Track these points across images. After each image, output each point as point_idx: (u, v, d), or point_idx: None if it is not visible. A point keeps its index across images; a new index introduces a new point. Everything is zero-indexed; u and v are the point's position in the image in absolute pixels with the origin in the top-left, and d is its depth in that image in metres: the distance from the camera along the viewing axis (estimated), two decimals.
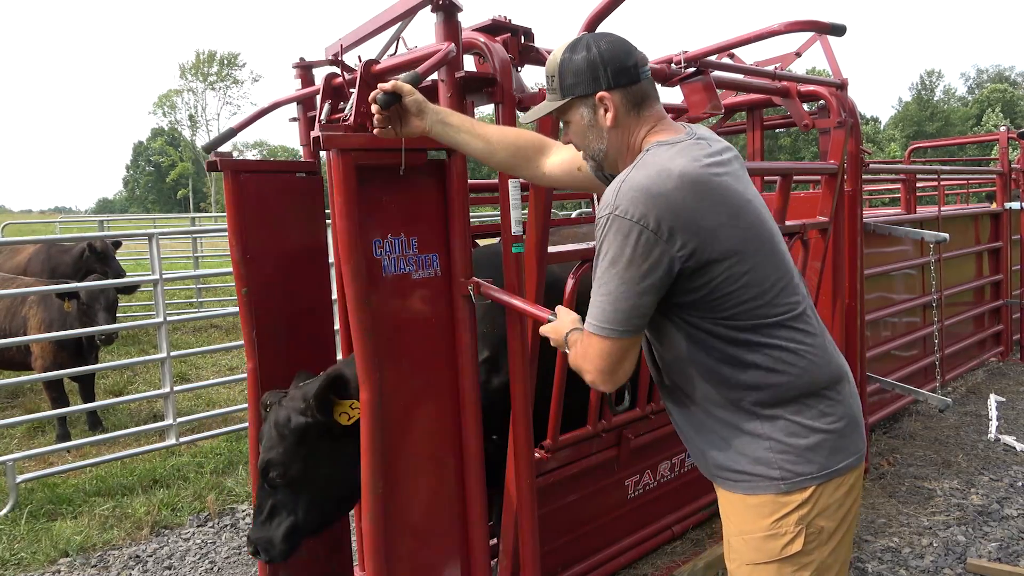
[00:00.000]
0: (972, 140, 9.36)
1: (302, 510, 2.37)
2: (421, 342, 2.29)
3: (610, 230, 1.45)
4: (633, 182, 1.46)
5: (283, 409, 2.37)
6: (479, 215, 10.77)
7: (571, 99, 1.61)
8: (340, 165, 2.00)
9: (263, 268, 2.65)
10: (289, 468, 2.34)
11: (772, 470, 1.53)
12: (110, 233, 10.35)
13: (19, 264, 7.78)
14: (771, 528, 1.54)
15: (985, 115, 55.39)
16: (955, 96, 69.00)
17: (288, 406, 2.37)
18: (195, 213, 43.99)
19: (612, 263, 1.46)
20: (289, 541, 2.37)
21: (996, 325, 6.96)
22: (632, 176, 1.47)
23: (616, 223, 1.44)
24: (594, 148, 1.65)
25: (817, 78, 3.92)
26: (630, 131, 1.61)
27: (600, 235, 1.48)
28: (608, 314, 1.48)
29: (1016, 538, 3.57)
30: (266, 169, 2.72)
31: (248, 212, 2.59)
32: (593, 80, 1.58)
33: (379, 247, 2.17)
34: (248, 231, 2.59)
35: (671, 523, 3.52)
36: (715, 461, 1.61)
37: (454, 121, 1.93)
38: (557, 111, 1.65)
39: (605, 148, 1.64)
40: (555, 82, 1.63)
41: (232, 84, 65.89)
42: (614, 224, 1.45)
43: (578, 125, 1.64)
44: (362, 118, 2.04)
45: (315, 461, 2.36)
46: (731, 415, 1.56)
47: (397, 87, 1.85)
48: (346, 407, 2.31)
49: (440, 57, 2.04)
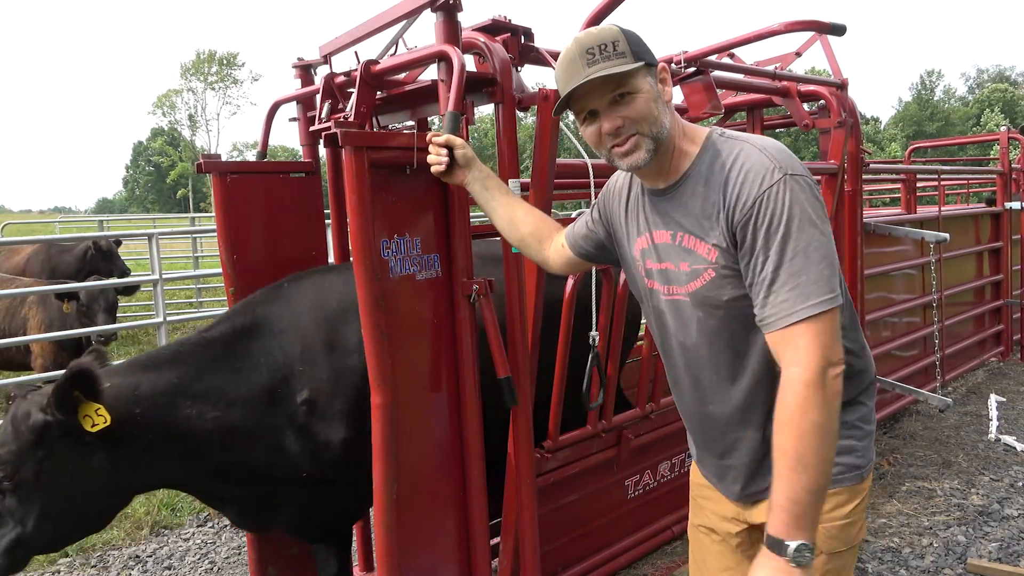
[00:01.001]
0: (972, 140, 9.36)
1: (31, 522, 2.04)
2: (425, 344, 2.28)
3: (787, 191, 1.34)
4: (774, 147, 1.41)
5: (25, 403, 2.09)
6: (479, 215, 10.75)
7: (643, 64, 1.46)
8: (354, 162, 1.99)
9: (253, 269, 2.65)
10: (20, 470, 2.02)
11: (858, 459, 1.53)
12: (110, 233, 10.34)
13: (17, 264, 7.78)
14: (850, 516, 1.53)
15: (984, 115, 55.36)
16: (955, 96, 69.01)
17: (32, 400, 2.08)
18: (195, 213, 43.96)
19: (811, 222, 1.34)
20: (9, 556, 2.05)
21: (996, 325, 6.96)
22: (761, 145, 1.42)
23: (793, 182, 1.35)
24: (662, 122, 1.50)
25: (817, 78, 3.92)
26: (673, 115, 1.54)
27: (773, 204, 1.34)
28: (828, 279, 1.32)
29: (1016, 538, 3.57)
30: (256, 170, 2.71)
31: (237, 213, 2.60)
32: (650, 52, 1.50)
33: (386, 247, 2.17)
34: (237, 232, 2.60)
35: (671, 523, 3.51)
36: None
37: (491, 185, 2.02)
38: (628, 75, 1.47)
39: (670, 123, 1.51)
40: (619, 46, 1.46)
41: (232, 84, 65.91)
42: (791, 184, 1.35)
43: (647, 95, 1.48)
44: (362, 118, 2.04)
45: (53, 467, 2.04)
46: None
47: (450, 141, 1.99)
48: (91, 411, 2.01)
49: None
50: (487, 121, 30.30)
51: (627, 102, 1.48)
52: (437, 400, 2.33)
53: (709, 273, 1.47)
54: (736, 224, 1.40)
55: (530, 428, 2.45)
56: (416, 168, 2.10)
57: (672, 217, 1.55)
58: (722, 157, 1.46)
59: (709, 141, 1.50)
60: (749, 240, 1.38)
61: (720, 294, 1.47)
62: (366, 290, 2.03)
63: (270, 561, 2.74)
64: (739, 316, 1.47)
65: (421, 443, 2.30)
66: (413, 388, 2.25)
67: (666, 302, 1.61)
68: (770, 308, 1.35)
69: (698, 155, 1.51)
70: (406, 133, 2.09)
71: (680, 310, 1.57)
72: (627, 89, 1.47)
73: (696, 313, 1.53)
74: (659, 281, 1.61)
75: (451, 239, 2.31)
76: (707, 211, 1.46)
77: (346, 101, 2.49)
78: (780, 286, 1.33)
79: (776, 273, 1.34)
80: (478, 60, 2.36)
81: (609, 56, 1.45)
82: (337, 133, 1.95)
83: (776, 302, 1.34)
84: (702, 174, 1.49)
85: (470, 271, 2.32)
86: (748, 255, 1.38)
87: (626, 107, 1.48)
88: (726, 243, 1.43)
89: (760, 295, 1.37)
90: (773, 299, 1.34)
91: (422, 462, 2.31)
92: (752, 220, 1.37)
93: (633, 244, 1.68)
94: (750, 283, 1.39)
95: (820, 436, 1.29)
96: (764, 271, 1.36)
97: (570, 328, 2.64)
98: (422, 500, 2.32)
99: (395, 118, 2.75)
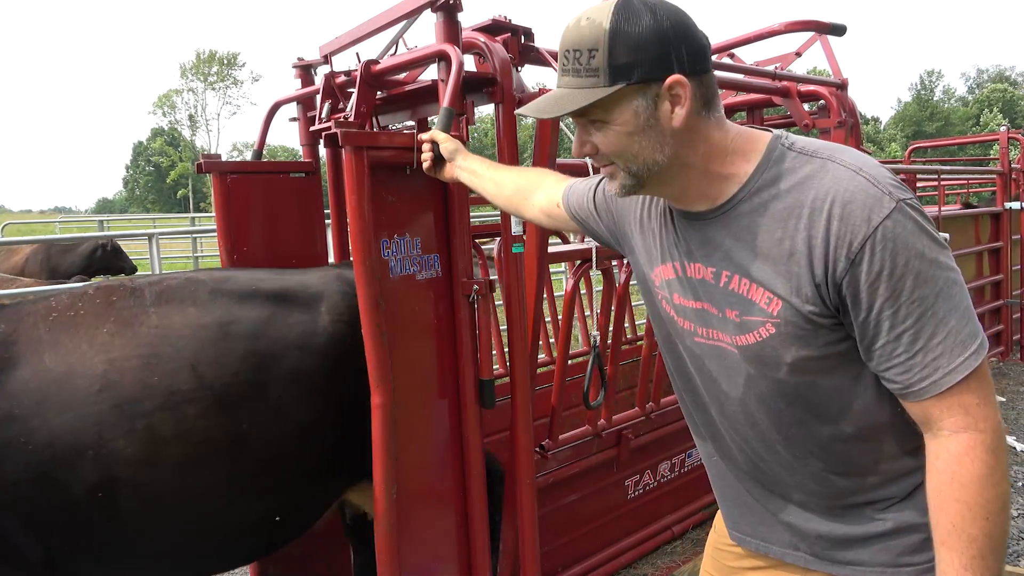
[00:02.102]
0: (972, 140, 9.37)
1: None
2: (425, 343, 2.29)
3: (907, 222, 1.06)
4: (870, 164, 1.11)
5: None
6: (479, 215, 10.77)
7: (623, 87, 1.12)
8: (354, 162, 1.99)
9: None
10: None
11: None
12: (110, 233, 10.35)
13: (15, 265, 7.76)
14: None
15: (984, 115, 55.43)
16: (955, 96, 69.06)
17: None
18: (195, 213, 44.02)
19: (939, 254, 1.08)
20: None
21: (996, 325, 6.96)
22: (853, 163, 1.10)
23: (908, 209, 1.07)
24: (645, 159, 1.17)
25: (817, 78, 3.92)
26: (697, 138, 1.17)
27: (892, 244, 1.05)
28: (974, 318, 1.08)
29: (1016, 538, 3.57)
30: (256, 170, 2.72)
31: (237, 213, 2.60)
32: (662, 59, 1.11)
33: (386, 247, 2.17)
34: (237, 232, 2.60)
35: (671, 523, 3.52)
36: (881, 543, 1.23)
37: (475, 167, 1.92)
38: (595, 106, 1.13)
39: (665, 160, 1.17)
40: (594, 59, 1.11)
41: (232, 84, 65.96)
42: (907, 212, 1.06)
43: (625, 126, 1.15)
44: (362, 118, 2.05)
45: None
46: (918, 470, 1.18)
47: (434, 137, 1.96)
48: None
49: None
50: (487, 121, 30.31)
51: (599, 129, 1.18)
52: (437, 400, 2.33)
53: (768, 329, 1.16)
54: (839, 275, 1.07)
55: (530, 428, 2.45)
56: (416, 168, 2.10)
57: (717, 250, 1.21)
58: (798, 180, 1.12)
59: (773, 156, 1.16)
60: (865, 294, 1.06)
61: (782, 354, 1.16)
62: (366, 290, 2.03)
63: (270, 561, 2.74)
64: (814, 375, 1.17)
65: (421, 443, 2.30)
66: (413, 388, 2.25)
67: (705, 346, 1.29)
68: (919, 371, 1.06)
69: (755, 173, 1.16)
70: (406, 133, 2.10)
71: (724, 358, 1.26)
72: (602, 117, 1.16)
73: (747, 368, 1.22)
74: (693, 321, 1.29)
75: (451, 239, 2.31)
76: (775, 253, 1.13)
77: (346, 101, 2.49)
78: (928, 340, 1.05)
79: (919, 326, 1.05)
80: (478, 60, 2.36)
81: (579, 71, 1.13)
82: (337, 133, 1.95)
83: (927, 362, 1.06)
84: (765, 202, 1.14)
85: (470, 271, 2.32)
86: (864, 311, 1.08)
87: (598, 135, 1.19)
88: (803, 297, 1.11)
89: (898, 357, 1.08)
90: (921, 359, 1.06)
91: (422, 462, 2.31)
92: (865, 267, 1.05)
93: (653, 268, 1.36)
94: (869, 344, 1.09)
95: (1006, 510, 1.07)
96: (898, 327, 1.06)
97: (570, 327, 2.64)
98: (422, 500, 2.32)
99: (395, 118, 2.76)
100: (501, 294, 2.64)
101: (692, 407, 1.41)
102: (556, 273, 9.24)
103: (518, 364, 2.39)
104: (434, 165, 2.02)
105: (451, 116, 2.04)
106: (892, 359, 1.08)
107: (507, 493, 2.54)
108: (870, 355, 1.11)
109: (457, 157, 1.96)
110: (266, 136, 2.93)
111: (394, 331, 2.17)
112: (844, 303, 1.09)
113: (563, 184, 1.66)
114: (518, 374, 2.39)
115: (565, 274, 7.45)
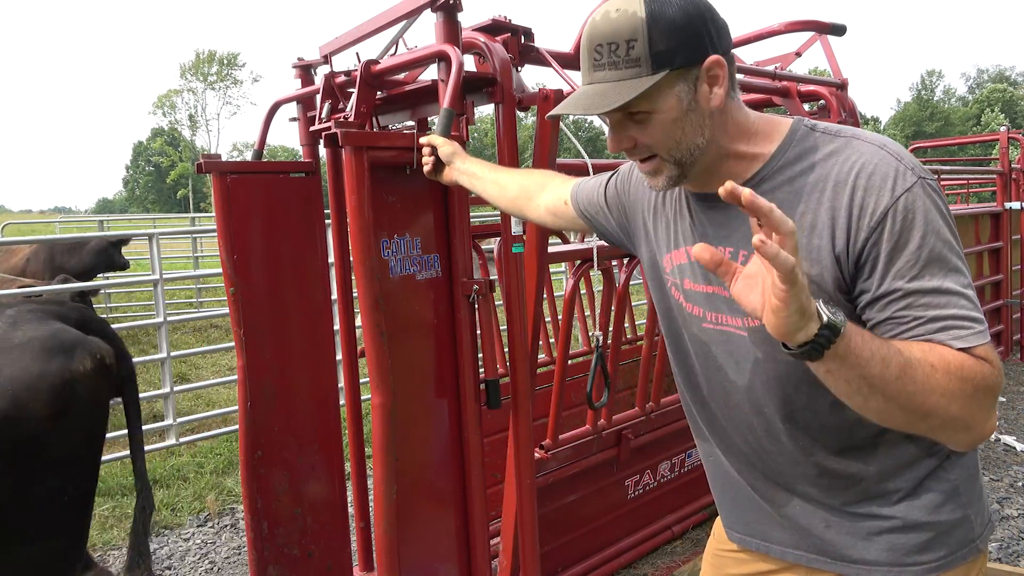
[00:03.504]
0: (972, 140, 9.35)
1: None
2: (425, 344, 2.29)
3: (926, 198, 1.05)
4: (891, 142, 1.11)
5: None
6: (479, 215, 10.77)
7: (668, 73, 1.09)
8: (354, 162, 1.99)
9: (253, 268, 2.65)
10: None
11: (970, 528, 1.20)
12: (110, 233, 10.35)
13: (15, 266, 7.71)
14: None
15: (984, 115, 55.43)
16: (955, 96, 69.07)
17: None
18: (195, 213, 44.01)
19: (953, 233, 1.06)
20: None
21: (996, 325, 6.97)
22: (875, 139, 1.11)
23: (929, 188, 1.06)
24: (689, 143, 1.15)
25: (817, 78, 3.92)
26: (727, 119, 1.17)
27: (910, 214, 1.04)
28: (976, 303, 1.05)
29: (1016, 538, 3.57)
30: (256, 170, 2.72)
31: (237, 213, 2.60)
32: (697, 41, 1.10)
33: (386, 247, 2.17)
34: (237, 232, 2.60)
35: (671, 523, 3.52)
36: (886, 542, 1.20)
37: (474, 170, 1.91)
38: (639, 97, 1.10)
39: (705, 143, 1.16)
40: (633, 49, 1.09)
41: (232, 84, 65.99)
42: (927, 189, 1.06)
43: (670, 113, 1.13)
44: (362, 118, 2.05)
45: None
46: (920, 461, 1.19)
47: (431, 141, 1.95)
48: None
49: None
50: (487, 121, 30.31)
51: (640, 121, 1.15)
52: (437, 400, 2.34)
53: None
54: (859, 243, 1.06)
55: (530, 428, 2.45)
56: (416, 168, 2.10)
57: (736, 231, 1.20)
58: (822, 156, 1.12)
59: (795, 137, 1.16)
60: (883, 261, 1.05)
61: None
62: (366, 290, 2.03)
63: (270, 561, 2.74)
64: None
65: (421, 443, 2.31)
66: (412, 388, 2.25)
67: (712, 332, 1.27)
68: (931, 336, 1.03)
69: (777, 152, 1.16)
70: (406, 133, 2.10)
71: (731, 344, 1.25)
72: (645, 107, 1.13)
73: (755, 352, 1.21)
74: (703, 306, 1.28)
75: (451, 239, 2.31)
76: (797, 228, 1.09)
77: (346, 101, 2.49)
78: (940, 310, 1.03)
79: (932, 295, 1.03)
80: (478, 60, 2.36)
81: (618, 64, 1.10)
82: (337, 133, 1.95)
83: (937, 328, 1.03)
84: (789, 179, 1.14)
85: (470, 271, 2.32)
86: (878, 279, 1.06)
87: (638, 128, 1.16)
88: (821, 268, 1.10)
89: (910, 323, 1.04)
90: (932, 325, 1.03)
91: (422, 462, 2.32)
92: (886, 235, 1.05)
93: (664, 254, 1.36)
94: (880, 311, 1.07)
95: (949, 397, 1.00)
96: (911, 296, 1.04)
97: (570, 327, 2.64)
98: (422, 500, 2.33)
99: (395, 118, 2.75)
100: (501, 294, 2.64)
101: (694, 403, 1.40)
102: (556, 273, 9.26)
103: (518, 364, 2.39)
104: (433, 168, 2.02)
105: (451, 117, 2.04)
106: (902, 326, 1.05)
107: (507, 493, 2.54)
108: (882, 327, 1.07)
109: (455, 160, 1.95)
110: (266, 136, 2.93)
111: (394, 331, 2.17)
112: (860, 272, 1.08)
113: (570, 183, 1.67)
114: (518, 374, 2.39)
115: (565, 274, 7.47)
